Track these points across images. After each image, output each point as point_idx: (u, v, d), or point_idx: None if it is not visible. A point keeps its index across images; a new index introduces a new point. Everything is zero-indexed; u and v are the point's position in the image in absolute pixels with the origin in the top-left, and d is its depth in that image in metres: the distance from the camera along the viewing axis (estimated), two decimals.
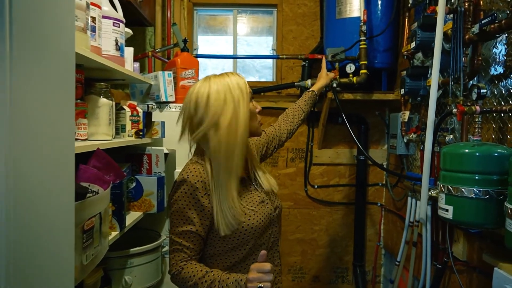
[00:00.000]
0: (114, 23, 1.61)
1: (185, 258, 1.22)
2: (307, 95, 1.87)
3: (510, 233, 1.14)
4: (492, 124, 1.65)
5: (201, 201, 1.20)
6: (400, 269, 2.45)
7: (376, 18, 2.56)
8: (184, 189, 1.21)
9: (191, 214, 1.21)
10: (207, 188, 1.21)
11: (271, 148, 1.63)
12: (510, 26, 1.39)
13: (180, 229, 1.22)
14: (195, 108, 1.23)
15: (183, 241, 1.21)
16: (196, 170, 1.23)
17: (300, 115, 1.78)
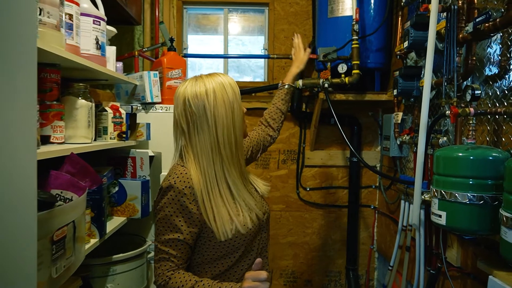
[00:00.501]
0: (95, 21, 1.54)
1: (172, 267, 1.16)
2: (283, 92, 1.73)
3: (505, 242, 1.09)
4: (487, 126, 1.60)
5: (189, 207, 1.15)
6: (393, 274, 2.40)
7: (368, 17, 2.50)
8: (171, 195, 1.15)
9: (179, 221, 1.15)
10: (195, 194, 1.15)
11: (255, 152, 1.57)
12: (505, 25, 1.34)
13: (166, 237, 1.15)
14: (191, 106, 1.17)
15: (170, 250, 1.15)
16: (184, 175, 1.17)
17: (279, 117, 1.69)
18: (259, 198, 1.31)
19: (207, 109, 1.16)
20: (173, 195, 1.15)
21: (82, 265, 1.52)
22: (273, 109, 1.69)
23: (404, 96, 2.19)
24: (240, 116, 1.21)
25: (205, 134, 1.17)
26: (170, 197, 1.15)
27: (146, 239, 2.02)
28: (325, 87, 2.41)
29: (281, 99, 1.72)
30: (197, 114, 1.17)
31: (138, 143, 1.95)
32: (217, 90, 1.18)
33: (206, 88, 1.18)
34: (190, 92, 1.19)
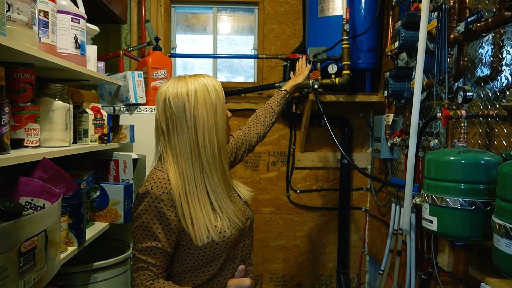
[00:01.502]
0: (73, 19, 1.48)
1: (151, 276, 1.11)
2: (279, 95, 1.76)
3: (497, 250, 1.04)
4: (479, 129, 1.56)
5: (166, 214, 1.10)
6: (384, 278, 2.36)
7: (359, 17, 2.46)
8: (148, 202, 1.10)
9: (156, 229, 1.10)
10: (173, 200, 1.11)
11: (240, 153, 1.52)
12: (497, 25, 1.30)
13: (144, 245, 1.11)
14: (170, 106, 1.14)
15: (148, 258, 1.10)
16: (161, 180, 1.12)
17: (271, 116, 1.68)
18: (241, 205, 1.27)
19: (187, 110, 1.12)
20: (149, 201, 1.10)
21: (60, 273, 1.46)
22: (267, 108, 1.69)
23: (395, 97, 2.16)
24: (223, 120, 1.18)
25: (184, 135, 1.13)
26: (147, 203, 1.10)
27: (130, 244, 1.96)
28: (315, 88, 2.37)
29: (277, 101, 1.73)
30: (177, 114, 1.13)
31: (121, 146, 1.89)
32: (199, 91, 1.14)
33: (187, 89, 1.14)
34: (171, 92, 1.15)
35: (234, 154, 1.49)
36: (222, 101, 1.17)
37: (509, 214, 1.01)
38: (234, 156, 1.49)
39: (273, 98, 1.75)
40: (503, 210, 1.04)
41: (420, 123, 1.73)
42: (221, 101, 1.17)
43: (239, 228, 1.19)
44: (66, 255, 1.34)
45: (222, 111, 1.17)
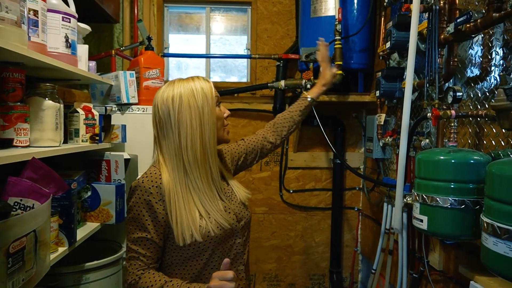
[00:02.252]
0: (64, 18, 1.47)
1: (142, 266, 1.17)
2: (304, 104, 1.62)
3: (486, 249, 1.05)
4: (468, 129, 1.57)
5: (154, 207, 1.16)
6: (376, 277, 2.37)
7: (352, 17, 2.47)
8: (138, 195, 1.17)
9: (145, 220, 1.16)
10: (162, 194, 1.16)
11: (249, 159, 1.51)
12: (486, 26, 1.31)
13: (135, 236, 1.17)
14: (158, 111, 1.20)
15: (139, 249, 1.16)
16: (153, 175, 1.19)
17: (290, 127, 1.59)
18: (236, 205, 1.29)
19: (171, 115, 1.17)
20: (139, 194, 1.16)
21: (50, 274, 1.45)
22: (287, 116, 1.60)
23: (387, 97, 2.17)
24: (211, 122, 1.19)
25: (170, 140, 1.18)
26: (137, 196, 1.17)
27: (122, 245, 1.95)
28: (307, 88, 2.37)
29: (300, 110, 1.62)
30: (163, 119, 1.18)
31: (113, 146, 1.88)
32: (183, 96, 1.17)
33: (173, 94, 1.18)
34: (160, 97, 1.20)
35: (242, 158, 1.47)
36: (210, 103, 1.19)
37: (497, 213, 1.02)
38: (243, 160, 1.48)
39: (296, 105, 1.63)
40: (491, 209, 1.05)
41: (411, 123, 1.74)
42: (209, 103, 1.19)
43: (226, 228, 1.21)
44: (57, 255, 1.33)
45: (209, 113, 1.19)
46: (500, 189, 1.02)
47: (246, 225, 1.31)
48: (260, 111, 2.82)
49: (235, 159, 1.46)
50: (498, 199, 1.02)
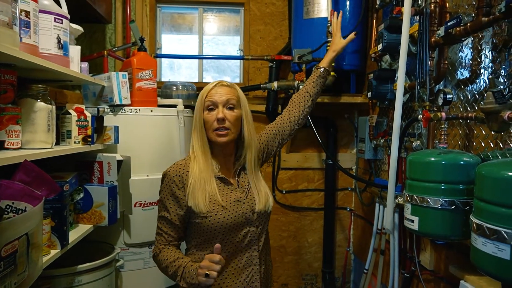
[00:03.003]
0: (56, 19, 1.46)
1: (164, 242, 1.37)
2: (316, 74, 1.67)
3: (475, 249, 1.07)
4: (459, 130, 1.60)
5: (176, 193, 1.35)
6: (368, 277, 2.39)
7: (344, 19, 2.47)
8: (165, 181, 1.38)
9: (169, 203, 1.36)
10: (183, 182, 1.34)
11: (275, 145, 1.59)
12: (475, 30, 1.33)
13: (160, 214, 1.39)
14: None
15: (162, 227, 1.38)
16: (178, 165, 1.39)
17: (306, 100, 1.63)
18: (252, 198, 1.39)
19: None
20: (166, 181, 1.38)
21: (42, 277, 1.44)
22: (302, 92, 1.66)
23: (379, 99, 2.19)
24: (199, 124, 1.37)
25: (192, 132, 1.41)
26: (165, 182, 1.38)
27: (115, 246, 1.94)
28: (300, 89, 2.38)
29: (313, 81, 1.67)
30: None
31: (105, 147, 1.87)
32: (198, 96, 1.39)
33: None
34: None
35: (266, 150, 1.56)
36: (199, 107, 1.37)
37: (486, 214, 1.04)
38: (267, 151, 1.56)
39: (309, 79, 1.69)
40: (480, 210, 1.07)
41: (403, 125, 1.76)
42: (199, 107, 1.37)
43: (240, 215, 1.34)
44: (49, 258, 1.33)
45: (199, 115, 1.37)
46: (489, 190, 1.04)
47: (262, 216, 1.41)
48: (253, 112, 2.79)
49: (261, 153, 1.54)
50: (487, 200, 1.04)
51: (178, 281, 1.30)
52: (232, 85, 1.41)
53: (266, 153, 1.57)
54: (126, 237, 2.02)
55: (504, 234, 0.97)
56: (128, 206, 1.97)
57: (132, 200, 1.97)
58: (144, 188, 2.02)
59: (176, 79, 3.05)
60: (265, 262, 1.44)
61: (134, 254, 2.04)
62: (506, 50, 1.31)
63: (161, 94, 2.44)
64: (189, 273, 1.26)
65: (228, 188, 1.38)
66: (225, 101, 1.34)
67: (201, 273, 1.21)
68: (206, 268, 1.21)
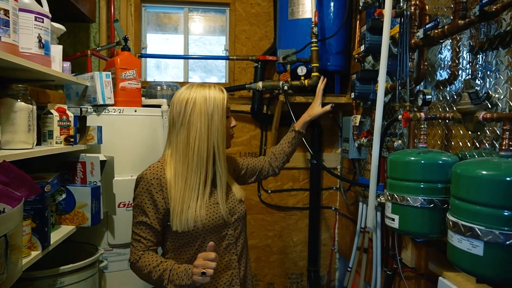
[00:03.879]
0: (37, 18, 1.44)
1: (143, 248, 1.34)
2: (290, 136, 1.80)
3: (451, 245, 1.10)
4: (438, 130, 1.63)
5: (155, 196, 1.33)
6: (352, 275, 2.42)
7: (328, 20, 2.51)
8: (142, 185, 1.35)
9: (147, 207, 1.34)
10: (161, 185, 1.33)
11: (248, 174, 1.68)
12: (453, 32, 1.37)
13: (137, 220, 1.36)
14: (173, 109, 1.35)
15: (141, 232, 1.35)
16: (155, 168, 1.37)
17: (282, 158, 1.77)
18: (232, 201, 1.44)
19: (183, 116, 1.32)
20: (143, 184, 1.35)
21: (23, 278, 1.43)
22: (278, 149, 1.78)
23: (362, 99, 2.22)
24: (221, 130, 1.34)
25: (180, 137, 1.34)
26: (141, 186, 1.35)
27: (98, 247, 1.93)
28: (284, 89, 2.40)
29: (288, 142, 1.79)
30: (176, 118, 1.34)
31: (88, 147, 1.86)
32: (197, 101, 1.32)
33: (189, 97, 1.33)
34: (177, 98, 1.36)
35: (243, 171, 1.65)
36: (220, 112, 1.33)
37: (461, 212, 1.07)
38: (243, 173, 1.65)
39: (285, 138, 1.81)
40: (456, 208, 1.09)
41: (384, 124, 1.79)
42: (219, 112, 1.33)
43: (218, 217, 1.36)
44: (29, 259, 1.31)
45: (219, 121, 1.33)
46: (464, 188, 1.07)
47: (239, 219, 1.45)
48: (238, 112, 2.84)
49: (238, 169, 1.63)
50: (462, 198, 1.07)
51: (165, 285, 1.28)
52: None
53: (241, 176, 1.64)
54: (110, 238, 2.01)
55: (478, 231, 1.00)
56: (112, 207, 1.96)
57: (116, 200, 1.96)
58: (128, 188, 1.98)
59: (163, 79, 3.04)
60: (244, 266, 1.46)
61: (118, 255, 2.03)
62: (482, 52, 1.35)
63: (146, 94, 2.43)
64: (177, 275, 1.25)
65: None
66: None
67: (197, 272, 1.20)
68: (201, 266, 1.21)
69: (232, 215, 1.42)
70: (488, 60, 1.32)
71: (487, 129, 1.31)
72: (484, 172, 1.02)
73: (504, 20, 1.23)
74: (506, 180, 0.97)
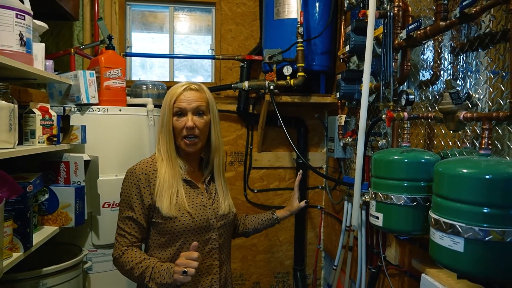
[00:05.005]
0: (18, 15, 1.42)
1: (127, 243, 1.33)
2: (268, 217, 1.68)
3: (433, 242, 1.12)
4: (421, 130, 1.66)
5: (142, 191, 1.33)
6: (337, 273, 2.45)
7: (313, 21, 2.53)
8: (130, 179, 1.35)
9: (133, 202, 1.34)
10: (150, 181, 1.34)
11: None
12: (434, 34, 1.39)
13: (124, 215, 1.35)
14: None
15: (126, 227, 1.34)
16: (145, 164, 1.38)
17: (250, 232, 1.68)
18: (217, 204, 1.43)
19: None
20: (131, 178, 1.35)
21: (4, 281, 1.41)
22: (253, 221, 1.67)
23: (347, 99, 2.24)
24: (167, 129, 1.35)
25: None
26: (129, 180, 1.35)
27: (82, 248, 1.90)
28: (270, 89, 2.41)
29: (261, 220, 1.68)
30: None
31: (72, 147, 1.83)
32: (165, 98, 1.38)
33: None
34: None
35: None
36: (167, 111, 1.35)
37: (443, 209, 1.09)
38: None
39: (262, 216, 1.70)
40: (438, 205, 1.12)
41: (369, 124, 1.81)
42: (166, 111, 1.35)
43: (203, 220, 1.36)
44: (11, 261, 1.29)
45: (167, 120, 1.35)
46: (445, 186, 1.09)
47: (225, 225, 1.43)
48: (224, 111, 2.83)
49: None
50: (443, 196, 1.09)
51: (146, 282, 1.26)
52: (201, 88, 1.39)
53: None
54: (95, 239, 1.98)
55: (458, 228, 1.02)
56: (96, 207, 1.94)
57: (101, 200, 1.94)
58: (113, 188, 1.98)
59: (148, 78, 3.02)
60: (225, 271, 1.45)
61: (103, 256, 2.00)
62: (463, 53, 1.38)
63: (131, 93, 2.40)
64: (159, 273, 1.24)
65: (194, 192, 1.39)
66: (194, 108, 1.35)
67: (178, 271, 1.19)
68: (183, 265, 1.19)
69: (218, 220, 1.41)
70: (469, 61, 1.35)
71: (468, 129, 1.34)
72: (464, 170, 1.04)
73: (483, 22, 1.26)
74: (485, 178, 0.99)
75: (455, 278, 1.21)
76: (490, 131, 1.10)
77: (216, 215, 1.40)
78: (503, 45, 1.19)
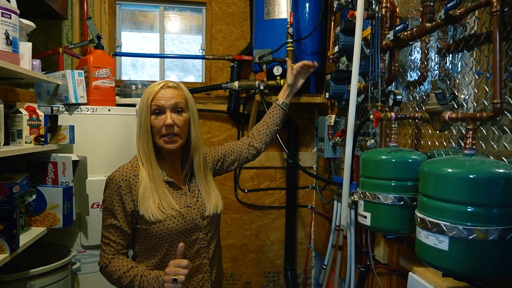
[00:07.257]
0: (3, 14, 1.40)
1: (112, 251, 1.30)
2: (271, 110, 1.66)
3: (419, 241, 1.14)
4: (409, 130, 1.68)
5: (123, 198, 1.29)
6: (327, 272, 2.46)
7: (303, 21, 2.54)
8: (111, 187, 1.31)
9: (116, 210, 1.30)
10: (131, 187, 1.29)
11: (228, 161, 1.55)
12: (421, 35, 1.41)
13: (107, 223, 1.31)
14: None
15: (110, 235, 1.31)
16: (124, 169, 1.33)
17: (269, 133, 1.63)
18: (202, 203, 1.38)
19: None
20: (111, 186, 1.30)
21: None
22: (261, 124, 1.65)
23: (336, 99, 2.26)
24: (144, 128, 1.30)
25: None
26: (110, 188, 1.31)
27: (71, 249, 1.89)
28: (261, 89, 2.42)
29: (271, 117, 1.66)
30: None
31: (60, 147, 1.82)
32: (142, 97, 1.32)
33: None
34: None
35: (219, 163, 1.53)
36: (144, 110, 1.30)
37: (428, 208, 1.10)
38: (220, 165, 1.53)
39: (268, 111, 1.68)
40: (424, 205, 1.13)
41: (358, 124, 1.83)
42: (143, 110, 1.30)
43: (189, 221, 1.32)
44: None
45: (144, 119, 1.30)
46: (430, 186, 1.10)
47: (211, 223, 1.40)
48: (215, 111, 2.83)
49: (215, 162, 1.52)
50: (429, 195, 1.11)
51: None
52: (179, 85, 1.36)
53: (219, 165, 1.54)
54: (83, 239, 1.97)
55: (443, 227, 1.04)
56: (85, 207, 1.92)
57: (89, 201, 1.92)
58: (102, 188, 1.94)
59: (139, 78, 3.01)
60: (216, 269, 1.43)
61: (92, 257, 1.99)
62: (449, 54, 1.39)
63: (120, 93, 2.39)
64: (148, 281, 1.22)
65: (177, 193, 1.35)
66: (173, 105, 1.29)
67: (168, 280, 1.17)
68: (173, 273, 1.17)
69: (204, 218, 1.37)
70: (454, 62, 1.37)
71: (454, 129, 1.35)
72: (449, 170, 1.05)
73: (468, 24, 1.28)
74: (469, 177, 1.01)
75: (441, 276, 1.22)
76: (475, 131, 1.12)
77: (202, 214, 1.36)
78: (487, 47, 1.21)
